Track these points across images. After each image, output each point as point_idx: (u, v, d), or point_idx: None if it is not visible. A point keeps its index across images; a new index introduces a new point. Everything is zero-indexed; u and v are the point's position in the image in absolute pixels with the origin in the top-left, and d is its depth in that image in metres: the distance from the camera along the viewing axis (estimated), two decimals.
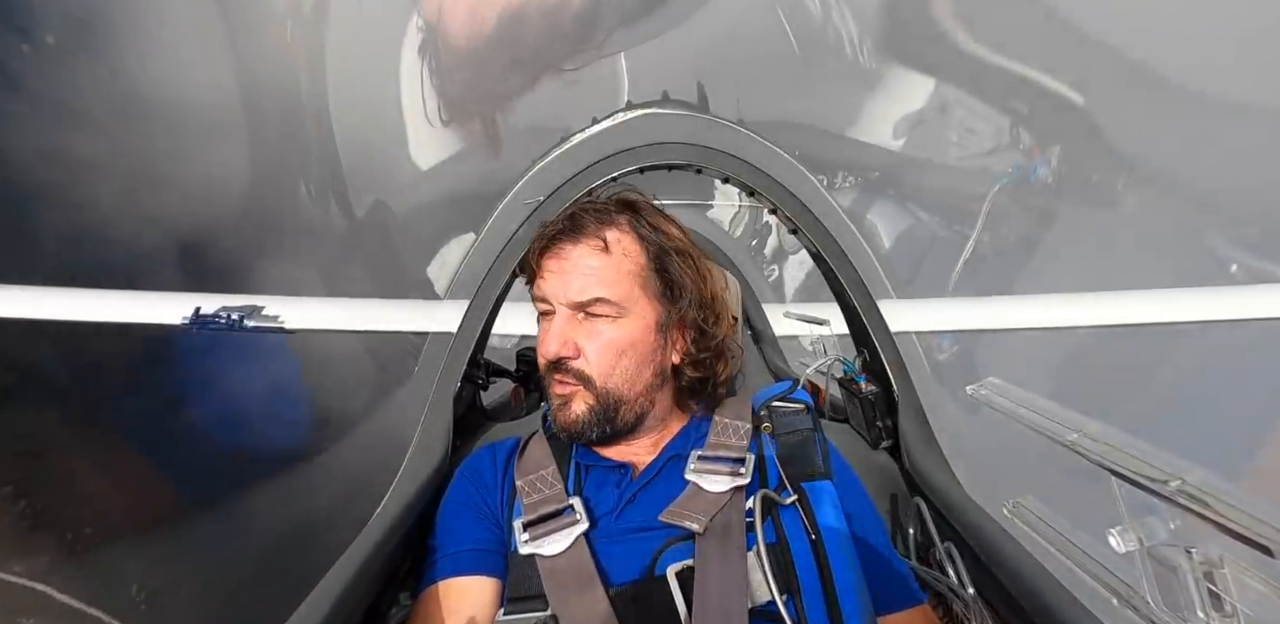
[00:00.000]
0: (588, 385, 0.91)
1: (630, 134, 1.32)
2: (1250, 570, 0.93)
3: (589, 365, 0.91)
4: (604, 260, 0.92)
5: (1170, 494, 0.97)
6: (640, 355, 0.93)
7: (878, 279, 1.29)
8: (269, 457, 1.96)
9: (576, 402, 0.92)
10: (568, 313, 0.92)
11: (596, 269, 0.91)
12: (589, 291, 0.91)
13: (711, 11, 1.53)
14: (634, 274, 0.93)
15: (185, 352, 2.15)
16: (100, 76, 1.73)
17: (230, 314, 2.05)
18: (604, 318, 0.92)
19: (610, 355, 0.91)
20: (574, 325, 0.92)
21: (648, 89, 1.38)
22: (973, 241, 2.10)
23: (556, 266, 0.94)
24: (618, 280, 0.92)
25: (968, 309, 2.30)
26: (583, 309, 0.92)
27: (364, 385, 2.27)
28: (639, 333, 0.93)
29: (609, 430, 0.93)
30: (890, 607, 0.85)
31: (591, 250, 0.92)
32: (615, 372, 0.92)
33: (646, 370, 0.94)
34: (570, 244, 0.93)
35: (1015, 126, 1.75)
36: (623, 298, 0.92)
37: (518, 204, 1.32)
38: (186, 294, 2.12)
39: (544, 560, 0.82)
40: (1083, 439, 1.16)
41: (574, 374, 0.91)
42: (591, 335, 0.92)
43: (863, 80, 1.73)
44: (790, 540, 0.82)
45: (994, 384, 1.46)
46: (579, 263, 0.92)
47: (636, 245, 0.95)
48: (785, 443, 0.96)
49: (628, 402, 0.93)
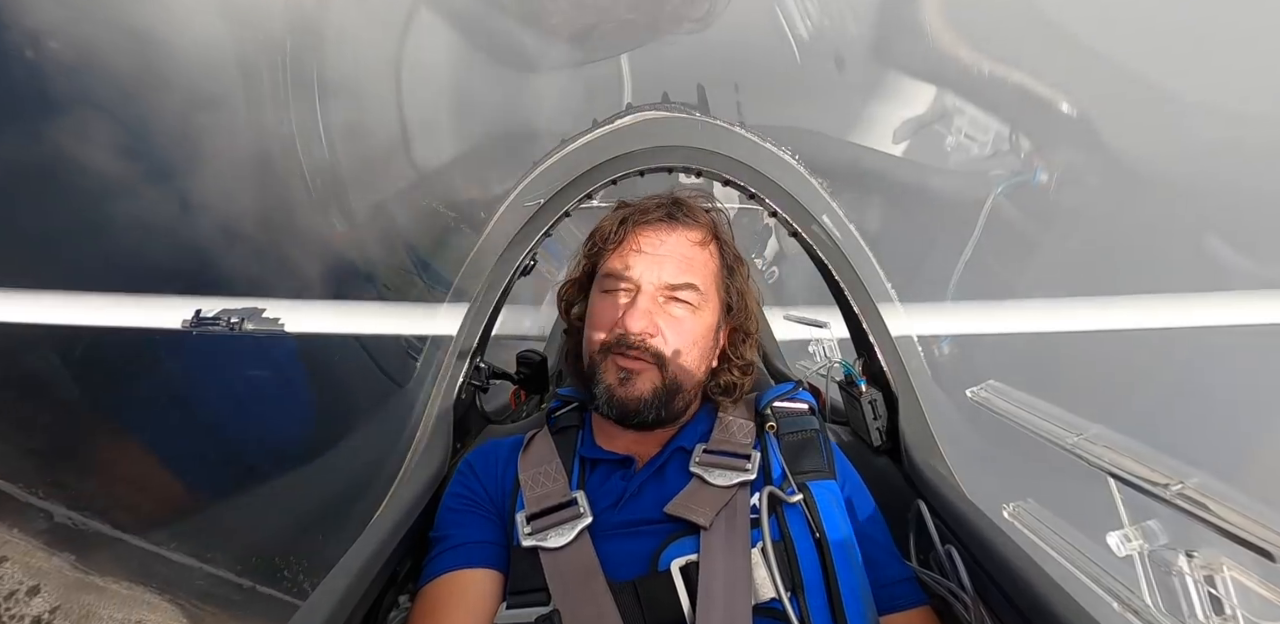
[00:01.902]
0: (661, 365, 0.92)
1: (631, 137, 1.33)
2: (1250, 574, 0.93)
3: (666, 346, 0.92)
4: (699, 253, 0.97)
5: (1170, 498, 0.97)
6: (704, 349, 0.97)
7: (878, 282, 1.30)
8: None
9: (644, 379, 0.92)
10: (653, 293, 0.94)
11: (691, 259, 0.96)
12: (684, 276, 0.94)
13: (712, 14, 1.54)
14: (715, 274, 0.99)
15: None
16: None
17: (230, 317, 2.05)
18: (684, 305, 0.95)
19: (687, 341, 0.94)
20: (658, 307, 0.94)
21: (648, 91, 1.38)
22: (972, 245, 2.11)
23: (651, 247, 0.96)
24: (706, 274, 0.97)
25: (968, 311, 2.30)
26: (672, 292, 0.94)
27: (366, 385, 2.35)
28: (707, 328, 0.97)
29: (663, 415, 0.93)
30: (893, 607, 0.85)
31: (690, 241, 0.98)
32: (686, 358, 0.94)
33: (704, 364, 0.98)
34: (668, 229, 0.97)
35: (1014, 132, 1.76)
36: (706, 288, 0.96)
37: (518, 206, 1.32)
38: (186, 297, 2.12)
39: (546, 554, 0.81)
40: (1083, 442, 1.16)
41: (651, 352, 0.92)
42: (672, 320, 0.94)
43: (863, 84, 1.74)
44: (795, 538, 0.81)
45: (994, 387, 1.46)
46: (676, 249, 0.96)
47: (718, 249, 1.02)
48: (790, 442, 0.96)
49: (685, 389, 0.95)
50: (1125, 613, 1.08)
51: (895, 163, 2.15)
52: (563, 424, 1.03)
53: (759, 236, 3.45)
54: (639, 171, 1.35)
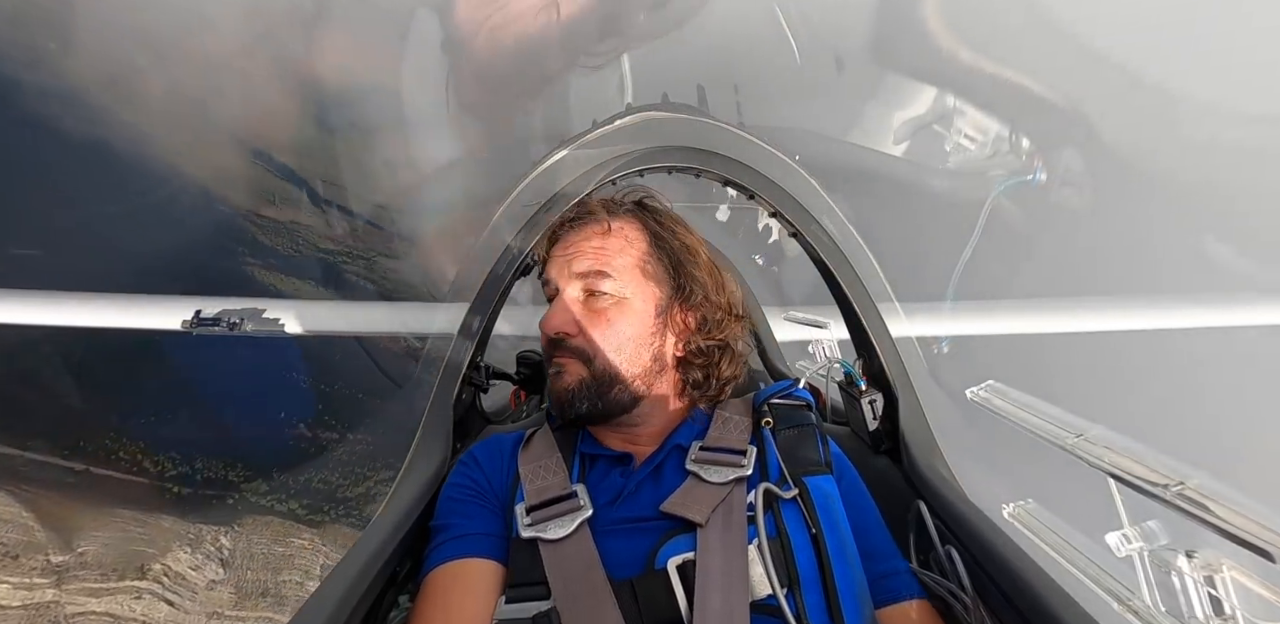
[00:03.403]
0: (585, 362, 0.95)
1: (631, 137, 1.33)
2: (1250, 575, 0.94)
3: (587, 343, 0.96)
4: (604, 241, 0.99)
5: (1170, 498, 0.97)
6: (639, 337, 0.97)
7: (878, 282, 1.30)
8: None
9: (569, 373, 0.96)
10: (569, 291, 0.98)
11: (597, 248, 0.98)
12: (588, 265, 0.97)
13: (712, 15, 1.54)
14: (635, 257, 0.99)
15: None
16: None
17: (230, 317, 2.05)
18: (605, 297, 0.96)
19: (607, 334, 0.96)
20: (576, 305, 0.97)
21: (648, 91, 1.39)
22: (971, 245, 2.11)
23: (561, 251, 1.01)
24: (618, 259, 0.98)
25: (968, 311, 2.31)
26: (584, 282, 0.97)
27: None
28: (639, 315, 0.97)
29: (600, 407, 0.95)
30: (889, 599, 0.85)
31: (594, 233, 1.00)
32: (611, 351, 0.96)
33: (644, 353, 0.97)
34: (575, 229, 1.02)
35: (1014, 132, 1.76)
36: (621, 275, 0.97)
37: (517, 207, 1.32)
38: (186, 297, 2.12)
39: (546, 545, 0.81)
40: (1083, 443, 1.16)
41: (571, 351, 0.96)
42: (592, 315, 0.97)
43: (863, 85, 1.74)
44: (791, 534, 0.81)
45: (994, 387, 1.46)
46: (582, 244, 0.99)
47: (639, 232, 1.02)
48: (786, 437, 0.96)
49: (622, 381, 0.96)
50: (1125, 613, 1.08)
51: (895, 163, 2.16)
52: (562, 422, 1.03)
53: (759, 237, 3.44)
54: (639, 172, 1.35)
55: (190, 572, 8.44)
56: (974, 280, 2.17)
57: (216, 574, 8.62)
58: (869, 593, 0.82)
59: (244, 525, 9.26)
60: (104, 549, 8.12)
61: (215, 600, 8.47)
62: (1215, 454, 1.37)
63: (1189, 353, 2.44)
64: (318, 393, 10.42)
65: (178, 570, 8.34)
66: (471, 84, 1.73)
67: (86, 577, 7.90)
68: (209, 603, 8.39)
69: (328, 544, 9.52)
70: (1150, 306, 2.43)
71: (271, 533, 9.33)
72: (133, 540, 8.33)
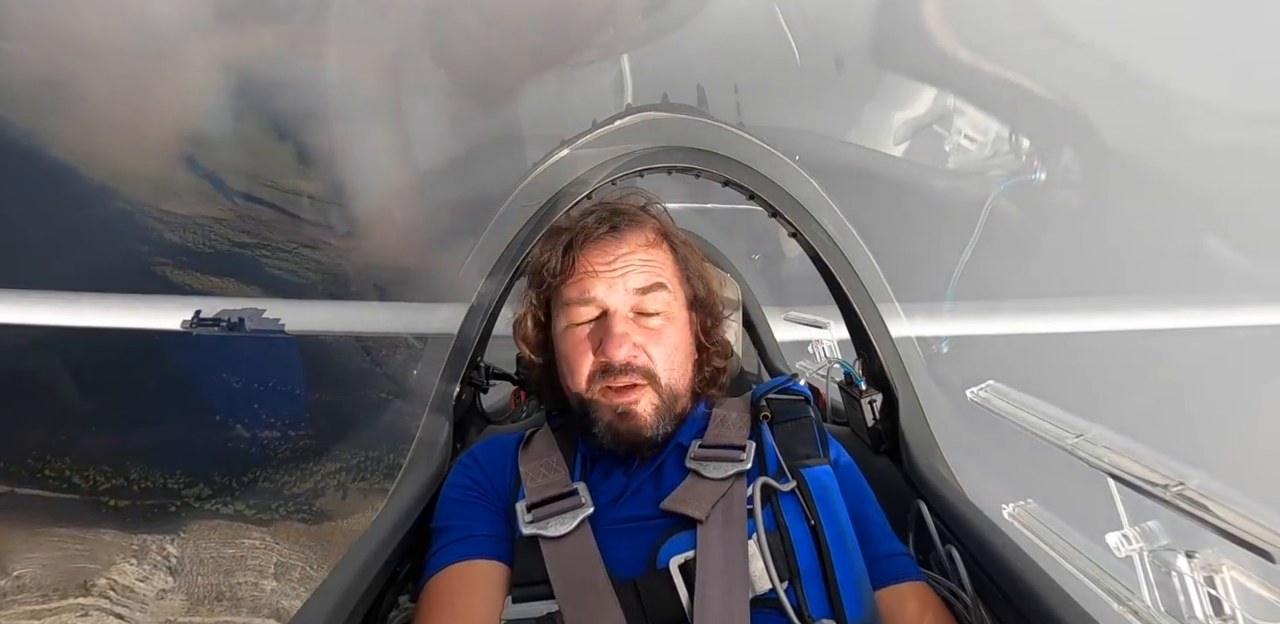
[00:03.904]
0: (654, 383, 0.91)
1: (630, 137, 1.33)
2: (1250, 575, 0.93)
3: (654, 363, 0.91)
4: (656, 253, 0.96)
5: (1170, 499, 0.97)
6: (688, 350, 0.97)
7: (878, 282, 1.30)
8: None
9: (642, 406, 0.90)
10: (624, 312, 0.92)
11: (650, 261, 0.94)
12: (651, 279, 0.93)
13: (712, 15, 1.54)
14: (675, 267, 0.99)
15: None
16: None
17: (230, 317, 2.05)
18: (656, 316, 0.93)
19: (671, 350, 0.93)
20: (633, 326, 0.92)
21: (648, 91, 1.38)
22: (971, 246, 2.11)
23: (605, 265, 0.93)
24: (670, 272, 0.96)
25: (968, 312, 2.30)
26: (643, 304, 0.92)
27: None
28: (683, 328, 0.97)
29: (671, 429, 0.93)
30: (887, 580, 0.85)
31: (643, 244, 0.95)
32: (675, 366, 0.93)
33: (690, 364, 0.98)
34: (616, 242, 0.94)
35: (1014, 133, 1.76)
36: (674, 288, 0.96)
37: (517, 207, 1.32)
38: (186, 297, 2.12)
39: (547, 543, 0.81)
40: (1083, 443, 1.16)
41: (641, 374, 0.90)
42: (651, 333, 0.92)
43: (862, 85, 1.74)
44: (790, 526, 0.82)
45: (994, 387, 1.46)
46: (632, 258, 0.93)
47: (669, 243, 1.00)
48: (784, 430, 0.96)
49: (681, 396, 0.95)
50: (1125, 613, 1.08)
51: (895, 163, 2.16)
52: (562, 422, 1.03)
53: (759, 237, 3.45)
54: (638, 172, 1.35)
55: (138, 583, 8.43)
56: (974, 280, 2.17)
57: (166, 583, 8.62)
58: (869, 580, 0.82)
59: (190, 531, 9.23)
60: (43, 570, 8.10)
61: (167, 609, 8.47)
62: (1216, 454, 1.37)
63: (1188, 353, 2.44)
64: (252, 393, 10.29)
65: (124, 583, 8.32)
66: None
67: (26, 600, 7.87)
68: (160, 612, 8.39)
69: (280, 541, 9.49)
70: (1151, 306, 2.43)
71: (220, 536, 9.32)
72: (73, 558, 8.30)
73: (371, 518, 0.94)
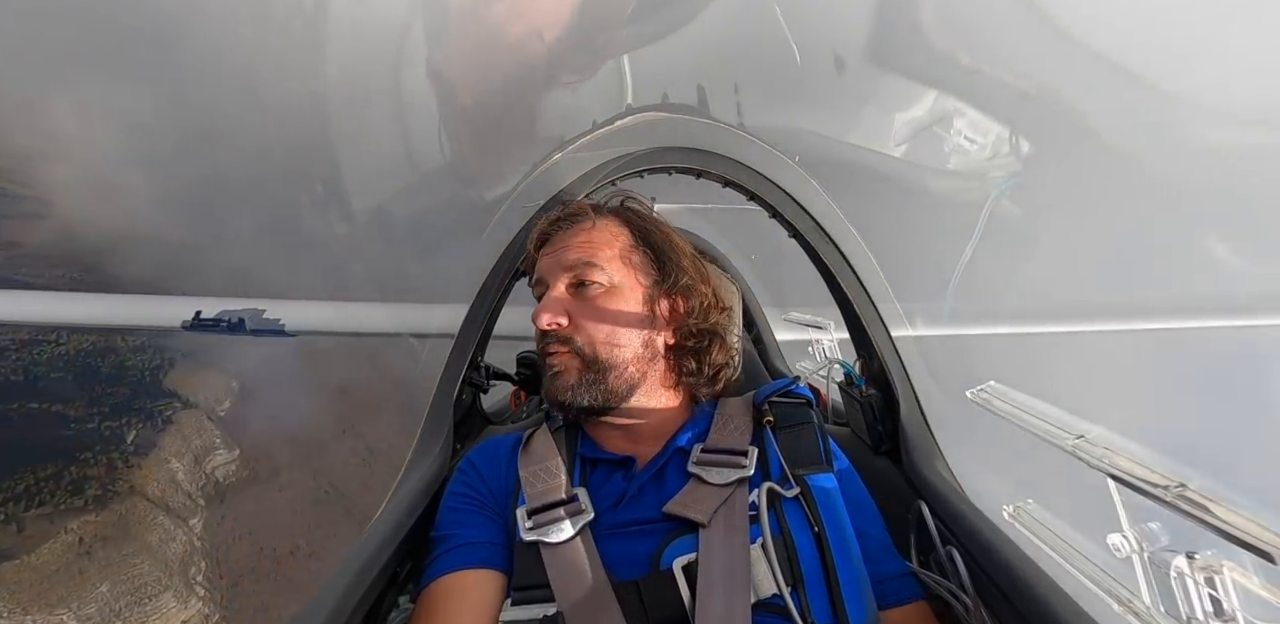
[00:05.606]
0: (578, 351, 0.98)
1: (631, 138, 1.33)
2: (1250, 576, 0.93)
3: (579, 332, 0.98)
4: (589, 235, 1.04)
5: (1171, 500, 0.97)
6: (629, 324, 1.00)
7: (878, 282, 1.30)
8: None
9: (568, 368, 0.98)
10: (558, 285, 1.01)
11: (582, 242, 1.02)
12: (576, 256, 1.00)
13: (712, 15, 1.54)
14: (620, 249, 1.03)
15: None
16: None
17: (230, 317, 2.05)
18: (594, 286, 1.00)
19: (599, 322, 0.98)
20: (566, 298, 1.01)
21: (648, 91, 1.38)
22: (972, 245, 2.11)
23: (549, 251, 1.05)
24: (604, 251, 1.02)
25: (968, 312, 2.30)
26: (572, 274, 1.00)
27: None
28: (627, 303, 1.00)
29: (600, 398, 0.96)
30: (889, 602, 0.85)
31: (578, 230, 1.04)
32: (604, 338, 0.98)
33: (635, 340, 1.00)
34: (561, 231, 1.06)
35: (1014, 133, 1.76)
36: (609, 265, 1.01)
37: (518, 208, 1.32)
38: (186, 297, 2.12)
39: (547, 549, 0.81)
40: (1083, 444, 1.16)
41: (562, 340, 0.98)
42: (583, 303, 1.00)
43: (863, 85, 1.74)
44: (793, 532, 0.82)
45: (994, 388, 1.46)
46: (568, 240, 1.04)
47: (621, 226, 1.06)
48: (787, 436, 0.96)
49: (617, 368, 0.98)
50: (1126, 614, 1.08)
51: (896, 163, 2.16)
52: (561, 422, 1.03)
53: (760, 236, 3.44)
54: (639, 173, 1.35)
55: None
56: (974, 280, 2.17)
57: None
58: (871, 588, 0.82)
59: None
60: None
61: None
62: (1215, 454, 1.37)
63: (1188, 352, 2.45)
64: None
65: None
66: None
67: None
68: None
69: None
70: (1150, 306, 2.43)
71: None
72: None
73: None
